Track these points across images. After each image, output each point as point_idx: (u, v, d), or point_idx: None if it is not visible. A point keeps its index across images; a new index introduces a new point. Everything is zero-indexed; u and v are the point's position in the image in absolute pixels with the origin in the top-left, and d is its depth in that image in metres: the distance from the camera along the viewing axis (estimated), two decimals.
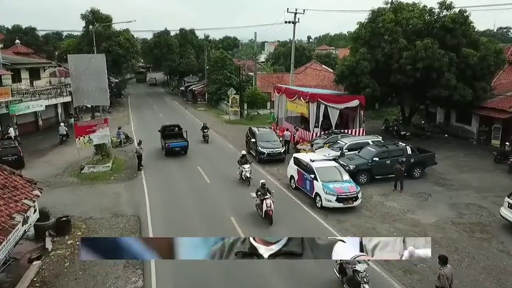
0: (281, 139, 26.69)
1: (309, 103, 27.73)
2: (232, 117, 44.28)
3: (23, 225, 11.70)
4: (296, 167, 19.63)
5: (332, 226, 15.52)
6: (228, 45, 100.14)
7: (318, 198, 17.26)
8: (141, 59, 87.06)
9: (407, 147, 21.42)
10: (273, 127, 32.70)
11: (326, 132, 27.16)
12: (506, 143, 25.63)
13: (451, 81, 26.10)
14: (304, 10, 36.21)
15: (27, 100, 33.17)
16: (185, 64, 72.96)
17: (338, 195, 16.57)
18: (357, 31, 30.27)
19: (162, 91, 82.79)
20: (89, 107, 34.87)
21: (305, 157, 19.50)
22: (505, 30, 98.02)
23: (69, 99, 36.71)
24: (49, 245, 14.16)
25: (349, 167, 19.86)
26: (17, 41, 49.41)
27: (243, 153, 21.35)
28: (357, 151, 21.95)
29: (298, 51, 59.84)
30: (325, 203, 16.80)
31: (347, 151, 22.40)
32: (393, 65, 27.21)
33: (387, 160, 20.49)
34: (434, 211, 17.03)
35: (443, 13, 27.99)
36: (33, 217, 12.93)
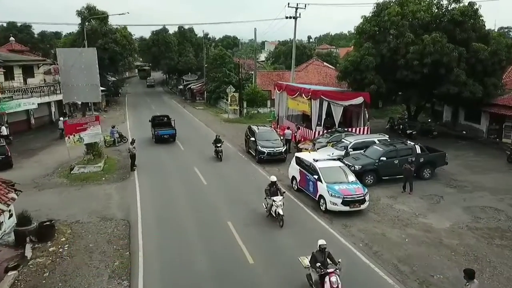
0: (281, 138, 25.50)
1: (311, 100, 26.65)
2: (231, 116, 43.10)
3: None
4: (298, 168, 18.46)
5: (338, 231, 14.32)
6: (228, 44, 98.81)
7: (322, 200, 16.03)
8: (139, 57, 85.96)
9: (416, 146, 20.19)
10: (273, 126, 31.52)
11: (329, 130, 26.03)
12: None
13: (461, 77, 24.82)
14: (305, 4, 35.32)
15: (18, 97, 32.14)
16: (184, 62, 71.89)
17: (344, 198, 15.34)
18: (362, 25, 28.92)
19: (160, 90, 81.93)
20: (85, 105, 33.61)
21: (308, 156, 18.36)
22: (506, 30, 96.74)
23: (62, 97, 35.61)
24: (28, 252, 12.93)
25: (354, 167, 18.66)
26: (11, 38, 48.41)
27: (273, 179, 15.35)
28: (362, 151, 20.81)
29: (298, 50, 58.50)
30: (330, 206, 15.56)
31: (352, 150, 21.26)
32: (399, 61, 25.98)
33: (395, 159, 19.33)
34: (447, 214, 15.80)
35: (452, 6, 26.81)
36: (8, 222, 11.73)
